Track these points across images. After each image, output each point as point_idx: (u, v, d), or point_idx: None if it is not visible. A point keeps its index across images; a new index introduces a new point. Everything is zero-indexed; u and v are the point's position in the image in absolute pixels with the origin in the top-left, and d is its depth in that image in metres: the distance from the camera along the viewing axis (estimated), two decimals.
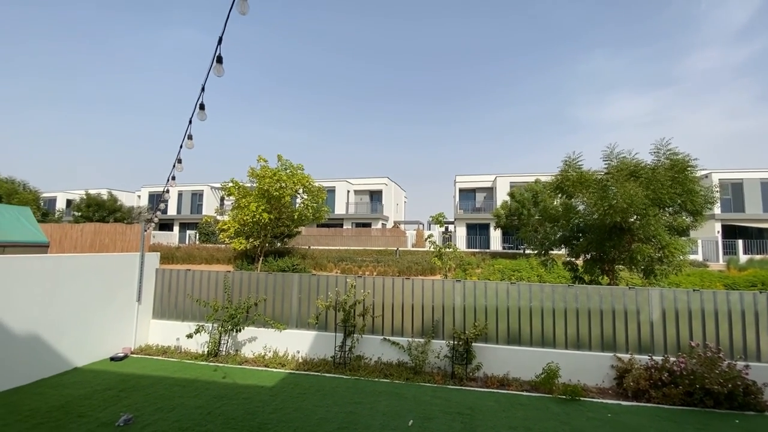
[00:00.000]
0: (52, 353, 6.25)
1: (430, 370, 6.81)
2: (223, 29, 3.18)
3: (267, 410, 5.14)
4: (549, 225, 10.33)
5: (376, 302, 7.47)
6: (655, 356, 6.27)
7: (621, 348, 6.57)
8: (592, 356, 6.55)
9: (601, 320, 6.72)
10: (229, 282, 8.00)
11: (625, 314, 6.67)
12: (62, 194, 42.44)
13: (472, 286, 7.23)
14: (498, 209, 24.66)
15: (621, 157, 8.97)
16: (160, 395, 5.55)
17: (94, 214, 28.18)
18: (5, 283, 5.66)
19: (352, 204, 37.18)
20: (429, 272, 18.85)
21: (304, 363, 7.13)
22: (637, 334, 6.58)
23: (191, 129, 4.41)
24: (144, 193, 43.01)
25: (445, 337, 7.08)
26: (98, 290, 7.10)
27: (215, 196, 40.58)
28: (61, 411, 4.95)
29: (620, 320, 6.66)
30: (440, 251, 11.17)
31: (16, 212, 8.81)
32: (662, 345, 6.48)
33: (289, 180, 15.94)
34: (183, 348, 7.78)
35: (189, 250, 23.50)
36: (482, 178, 34.14)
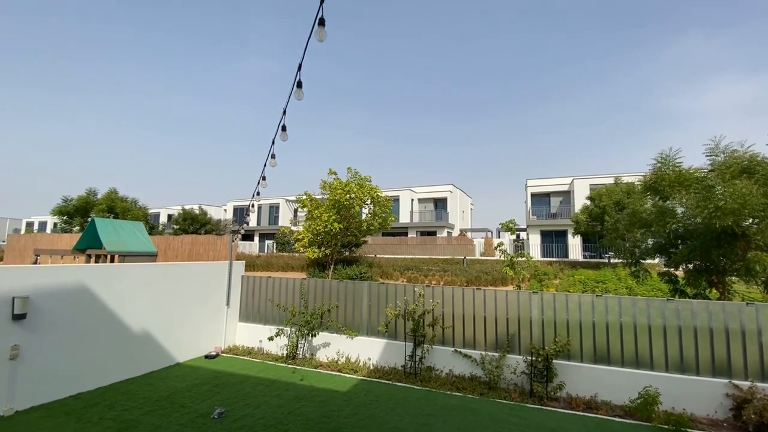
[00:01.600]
0: (159, 349, 7.16)
1: (505, 386, 6.45)
2: (302, 57, 3.43)
3: (342, 414, 5.29)
4: (639, 231, 9.25)
5: (446, 312, 7.32)
6: None
7: (738, 374, 5.59)
8: (701, 382, 5.66)
9: (711, 340, 5.79)
10: (305, 289, 8.46)
11: (742, 334, 5.67)
12: (164, 210, 48.85)
13: (551, 299, 6.74)
14: (577, 214, 22.78)
15: (731, 151, 7.73)
16: (247, 393, 6.03)
17: (189, 227, 31.94)
18: (126, 287, 6.65)
19: (417, 212, 37.17)
20: (500, 283, 18.01)
21: (375, 370, 7.22)
22: (759, 358, 5.55)
23: (274, 149, 4.83)
24: (229, 207, 47.66)
25: (521, 352, 6.67)
26: (196, 294, 8.00)
27: (289, 209, 43.49)
28: (168, 401, 5.62)
29: (736, 341, 5.68)
30: (512, 260, 10.61)
31: (132, 227, 10.33)
32: None
33: (358, 191, 16.51)
34: (265, 349, 8.37)
35: (268, 259, 25.40)
36: (557, 181, 31.86)
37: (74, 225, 26.72)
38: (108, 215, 25.17)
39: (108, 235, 9.34)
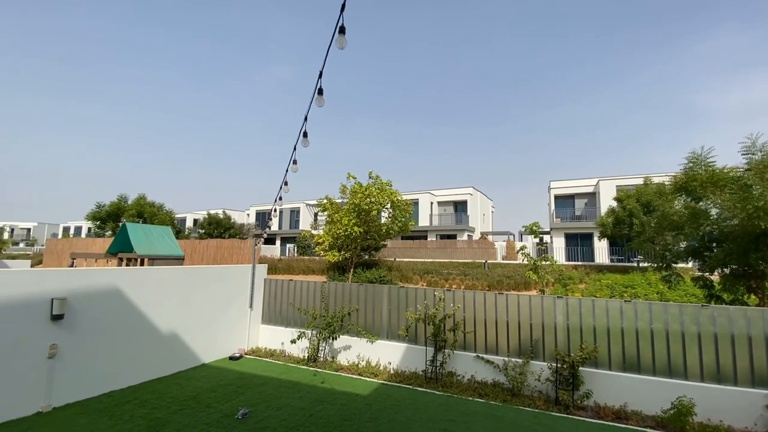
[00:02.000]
0: (186, 350, 7.38)
1: (529, 393, 6.30)
2: (323, 64, 3.49)
3: (363, 418, 5.30)
4: (670, 234, 8.87)
5: (467, 317, 7.23)
6: None
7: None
8: (739, 392, 5.36)
9: (750, 349, 5.48)
10: (326, 292, 8.55)
11: None
12: (190, 214, 50.44)
13: (577, 304, 6.55)
14: (603, 217, 22.06)
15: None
16: (270, 394, 6.12)
17: (213, 231, 32.88)
18: (155, 289, 6.90)
19: (436, 216, 36.93)
20: (523, 287, 17.63)
21: (396, 375, 7.20)
22: None
23: (295, 154, 4.93)
24: (252, 211, 48.74)
25: (545, 359, 6.50)
26: (220, 297, 8.21)
27: (310, 213, 44.08)
28: (194, 401, 5.78)
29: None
30: (535, 264, 10.37)
31: (161, 231, 10.73)
32: None
33: (378, 195, 16.58)
34: (287, 352, 8.49)
35: (289, 262, 25.79)
36: (581, 182, 30.97)
37: (107, 229, 27.99)
38: (137, 220, 26.24)
39: (138, 239, 9.74)
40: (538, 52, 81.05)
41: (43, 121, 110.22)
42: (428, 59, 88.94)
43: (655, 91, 78.43)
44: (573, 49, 78.64)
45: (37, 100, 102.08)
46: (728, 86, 78.46)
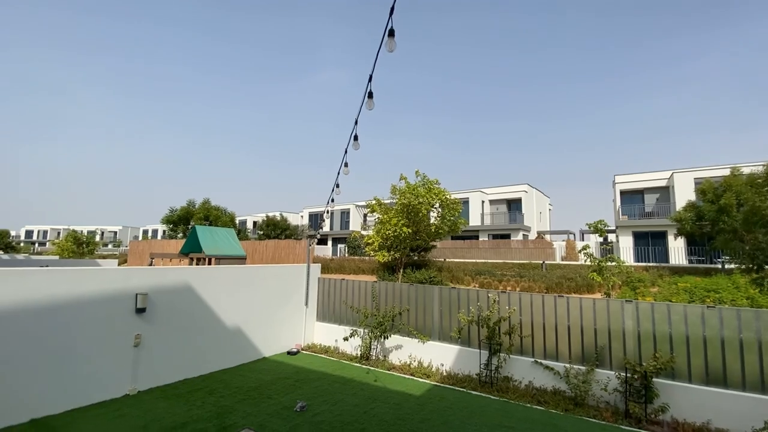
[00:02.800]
0: (249, 344, 7.88)
1: (595, 404, 5.87)
2: (373, 68, 3.54)
3: (416, 419, 5.28)
4: (762, 231, 7.79)
5: (524, 321, 6.91)
6: None
7: None
8: None
9: None
10: (376, 291, 8.66)
11: None
12: (250, 217, 53.83)
13: (649, 308, 5.98)
14: (680, 212, 19.90)
15: None
16: (325, 389, 6.33)
17: (271, 232, 34.77)
18: (221, 287, 7.45)
19: (488, 214, 35.76)
20: (585, 290, 16.47)
21: (448, 377, 7.08)
22: None
23: (346, 157, 5.06)
24: (305, 213, 50.83)
25: (613, 367, 6.02)
26: (278, 294, 8.66)
27: (359, 214, 44.94)
28: (256, 391, 6.16)
29: None
30: (600, 265, 9.65)
31: (225, 233, 11.57)
32: None
33: (426, 194, 16.46)
34: (340, 349, 8.73)
35: (340, 262, 26.48)
36: (652, 176, 28.19)
37: (178, 232, 30.77)
38: (204, 222, 28.53)
39: (206, 240, 10.59)
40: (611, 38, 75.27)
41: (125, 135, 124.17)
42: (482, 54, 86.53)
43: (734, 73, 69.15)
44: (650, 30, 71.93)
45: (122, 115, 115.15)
46: None
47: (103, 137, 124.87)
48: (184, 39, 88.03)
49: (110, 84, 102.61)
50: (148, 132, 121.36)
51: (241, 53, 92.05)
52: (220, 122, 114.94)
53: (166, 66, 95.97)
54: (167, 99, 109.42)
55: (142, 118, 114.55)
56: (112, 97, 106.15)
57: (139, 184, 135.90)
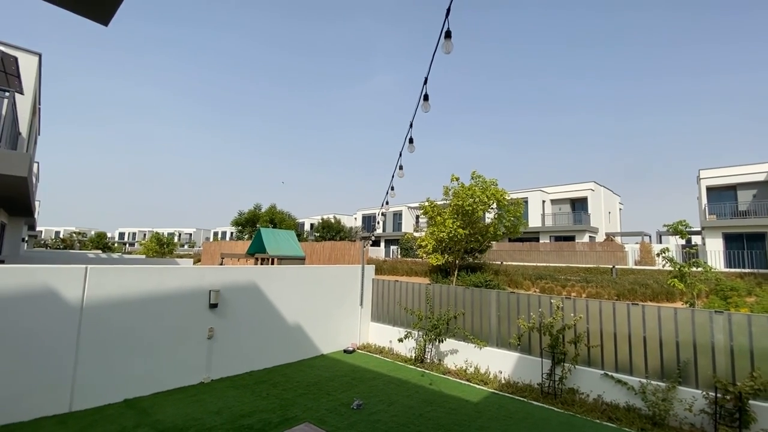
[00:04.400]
0: (308, 341, 8.23)
1: (677, 425, 5.27)
2: (428, 70, 3.53)
3: (473, 426, 5.14)
4: None
5: (591, 329, 6.42)
6: None
7: None
8: None
9: None
10: (430, 294, 8.58)
11: None
12: (307, 219, 56.30)
13: (744, 321, 5.24)
14: None
15: None
16: (380, 389, 6.41)
17: (326, 234, 36.08)
18: (284, 286, 7.88)
19: (549, 215, 33.74)
20: (663, 298, 14.86)
21: (507, 385, 6.80)
22: None
23: (401, 160, 5.09)
24: (359, 215, 51.95)
25: (699, 386, 5.36)
26: (335, 294, 8.95)
27: (411, 216, 44.90)
28: (315, 387, 6.41)
29: None
30: (682, 270, 8.65)
31: (287, 234, 12.23)
32: None
33: (481, 194, 15.99)
34: (395, 350, 8.78)
35: (393, 264, 26.65)
36: (747, 169, 24.53)
37: (245, 233, 33.12)
38: (269, 225, 30.40)
39: (270, 241, 11.28)
40: None
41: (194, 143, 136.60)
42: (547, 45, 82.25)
43: None
44: None
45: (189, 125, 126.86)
46: None
47: (181, 148, 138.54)
48: (247, 48, 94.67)
49: (192, 95, 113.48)
50: (215, 141, 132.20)
51: (294, 60, 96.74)
52: (281, 129, 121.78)
53: (233, 77, 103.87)
54: (235, 111, 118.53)
55: (216, 130, 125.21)
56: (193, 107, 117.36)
57: (210, 188, 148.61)
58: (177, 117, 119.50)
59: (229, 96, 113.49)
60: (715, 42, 63.67)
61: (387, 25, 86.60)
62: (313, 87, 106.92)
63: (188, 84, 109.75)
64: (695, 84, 72.02)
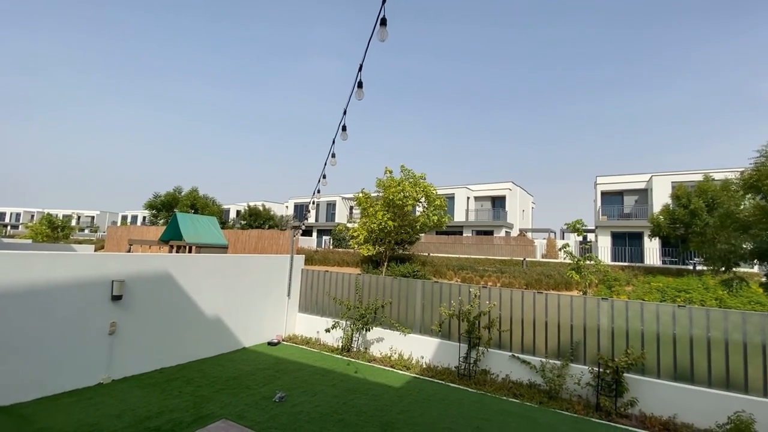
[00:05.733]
0: (228, 334, 7.79)
1: (568, 397, 6.05)
2: (363, 58, 3.49)
3: (394, 410, 5.34)
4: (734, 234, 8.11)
5: (503, 315, 7.05)
6: None
7: None
8: None
9: None
10: (360, 284, 8.67)
11: None
12: (233, 206, 52.94)
13: (623, 307, 6.18)
14: (656, 215, 20.57)
15: None
16: (305, 380, 6.33)
17: (254, 222, 34.31)
18: (201, 276, 7.31)
19: (472, 211, 36.14)
20: (563, 287, 16.88)
21: (428, 369, 7.18)
22: None
23: (334, 148, 5.00)
24: (290, 203, 50.28)
25: (587, 362, 6.21)
26: (260, 285, 8.57)
27: (345, 206, 44.76)
28: (235, 381, 6.10)
29: None
30: (578, 263, 9.90)
31: (208, 221, 11.34)
32: None
33: (411, 189, 16.48)
34: (322, 340, 8.73)
35: (324, 254, 26.36)
36: (632, 178, 28.96)
37: (160, 218, 30.04)
38: (190, 210, 27.92)
39: (187, 228, 10.36)
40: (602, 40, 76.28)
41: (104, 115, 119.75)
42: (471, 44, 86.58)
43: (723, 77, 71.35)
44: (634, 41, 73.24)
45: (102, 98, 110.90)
46: None
47: (84, 117, 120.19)
48: (169, 19, 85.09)
49: (91, 62, 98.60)
50: (131, 113, 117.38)
51: (227, 43, 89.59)
52: (206, 106, 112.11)
53: (149, 45, 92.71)
54: (152, 79, 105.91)
55: (126, 99, 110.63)
56: (93, 76, 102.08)
57: (119, 167, 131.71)
58: (80, 81, 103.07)
59: (151, 66, 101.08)
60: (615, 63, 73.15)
61: (330, 6, 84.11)
62: (250, 68, 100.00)
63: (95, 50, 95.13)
64: (597, 104, 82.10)
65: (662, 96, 77.80)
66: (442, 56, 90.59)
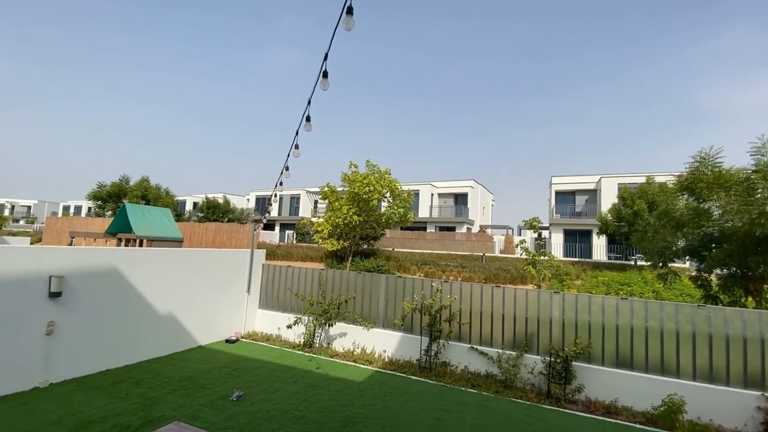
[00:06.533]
0: (183, 332, 7.42)
1: (522, 386, 6.36)
2: (329, 47, 3.41)
3: (356, 404, 5.35)
4: (670, 232, 8.85)
5: (463, 309, 7.26)
6: None
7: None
8: (731, 393, 5.40)
9: (745, 351, 5.51)
10: (323, 279, 8.57)
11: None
12: (190, 197, 50.36)
13: (573, 300, 6.57)
14: (603, 214, 22.04)
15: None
16: (265, 378, 6.18)
17: (212, 215, 32.89)
18: (153, 271, 6.90)
19: (436, 207, 36.88)
20: (519, 281, 17.69)
21: (390, 363, 7.26)
22: None
23: (297, 139, 4.86)
24: (252, 196, 48.67)
25: (539, 353, 6.55)
26: (218, 280, 8.22)
27: (310, 200, 44.03)
28: (190, 381, 5.83)
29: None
30: (534, 259, 10.40)
31: (161, 213, 10.70)
32: None
33: (376, 184, 16.49)
34: (283, 337, 8.55)
35: (287, 249, 25.82)
36: (583, 179, 30.85)
37: (107, 210, 27.96)
38: (140, 202, 26.18)
39: (138, 220, 9.72)
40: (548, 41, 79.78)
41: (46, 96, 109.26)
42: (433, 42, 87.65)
43: (660, 88, 77.46)
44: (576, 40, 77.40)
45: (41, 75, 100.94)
46: (741, 84, 77.30)
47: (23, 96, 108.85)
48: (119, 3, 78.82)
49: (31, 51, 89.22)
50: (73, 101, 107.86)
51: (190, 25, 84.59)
52: (162, 92, 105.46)
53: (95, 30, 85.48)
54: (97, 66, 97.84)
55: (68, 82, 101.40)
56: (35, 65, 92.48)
57: (61, 155, 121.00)
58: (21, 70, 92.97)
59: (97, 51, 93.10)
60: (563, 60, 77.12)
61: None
62: (211, 49, 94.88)
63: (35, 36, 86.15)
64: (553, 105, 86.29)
65: (617, 104, 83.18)
66: (410, 50, 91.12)
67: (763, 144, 7.36)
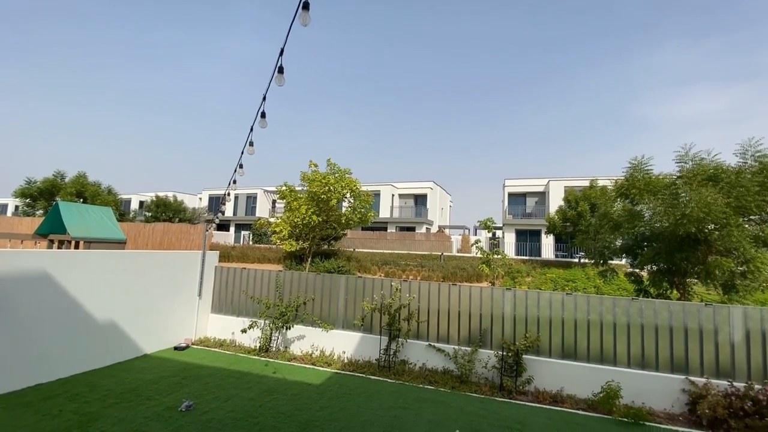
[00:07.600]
0: (126, 340, 6.90)
1: (476, 380, 6.60)
2: (285, 41, 3.34)
3: (314, 408, 5.27)
4: (609, 232, 9.62)
5: (422, 307, 7.40)
6: (736, 382, 5.57)
7: (695, 371, 5.92)
8: (660, 377, 5.97)
9: (671, 339, 6.11)
10: (281, 281, 8.35)
11: (700, 333, 6.01)
12: (136, 196, 46.99)
13: (523, 296, 6.92)
14: (551, 215, 23.46)
15: (698, 159, 8.13)
16: (217, 385, 5.90)
17: (161, 215, 30.93)
18: (91, 275, 6.35)
19: (397, 208, 37.30)
20: (475, 279, 18.35)
21: (350, 364, 7.23)
22: (715, 356, 5.90)
23: (252, 136, 4.70)
24: (204, 195, 46.33)
25: (493, 347, 6.83)
26: (166, 284, 7.74)
27: (268, 199, 42.73)
28: (133, 393, 5.44)
29: (694, 340, 6.01)
30: (488, 257, 10.83)
31: (101, 212, 9.88)
32: (745, 370, 5.75)
33: (336, 184, 16.35)
34: (237, 342, 8.22)
35: (243, 250, 24.87)
36: (533, 182, 32.66)
37: (38, 208, 25.36)
38: (76, 200, 24.00)
39: (73, 219, 8.90)
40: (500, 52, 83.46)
41: None
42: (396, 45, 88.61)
43: (612, 99, 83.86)
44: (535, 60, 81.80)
45: None
46: (669, 98, 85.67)
47: None
48: None
49: None
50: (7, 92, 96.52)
51: (141, 15, 78.93)
52: (104, 83, 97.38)
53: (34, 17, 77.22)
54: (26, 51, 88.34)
55: None
56: None
57: None
58: None
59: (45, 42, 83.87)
60: None
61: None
62: (159, 48, 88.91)
63: None
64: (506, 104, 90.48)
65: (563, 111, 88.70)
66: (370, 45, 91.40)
67: (686, 153, 8.23)
